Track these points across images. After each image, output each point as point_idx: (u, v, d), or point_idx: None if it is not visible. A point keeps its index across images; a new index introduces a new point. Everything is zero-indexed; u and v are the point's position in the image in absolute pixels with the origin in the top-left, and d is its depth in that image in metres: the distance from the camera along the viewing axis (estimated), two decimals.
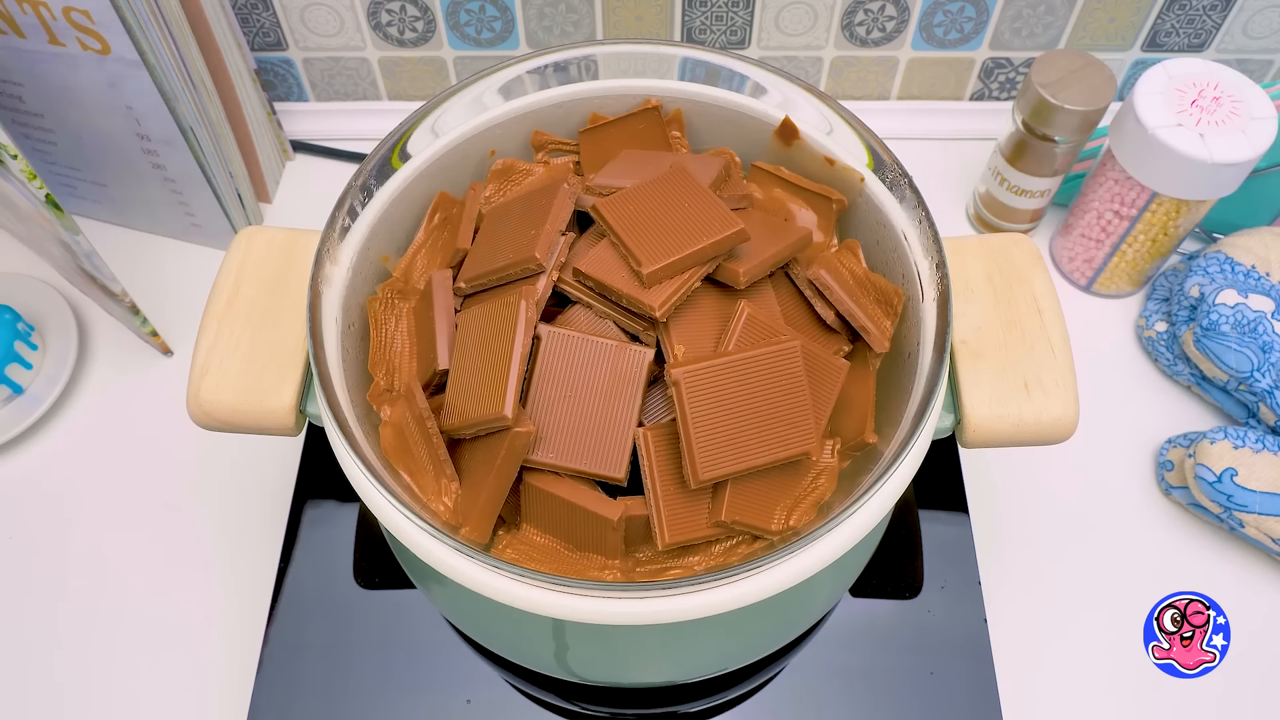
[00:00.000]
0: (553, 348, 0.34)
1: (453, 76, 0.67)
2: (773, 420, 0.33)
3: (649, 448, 0.33)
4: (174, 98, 0.53)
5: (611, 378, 0.34)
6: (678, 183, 0.36)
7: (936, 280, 0.36)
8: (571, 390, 0.34)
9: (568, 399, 0.34)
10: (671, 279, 0.34)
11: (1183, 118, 0.51)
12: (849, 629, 0.47)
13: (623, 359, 0.34)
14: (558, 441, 0.33)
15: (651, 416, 0.35)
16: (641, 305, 0.33)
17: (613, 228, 0.34)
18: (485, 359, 0.33)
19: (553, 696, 0.46)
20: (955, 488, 0.51)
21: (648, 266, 0.33)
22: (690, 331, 0.34)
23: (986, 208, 0.62)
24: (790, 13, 0.62)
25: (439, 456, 0.34)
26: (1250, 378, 0.52)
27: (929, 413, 0.33)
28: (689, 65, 0.42)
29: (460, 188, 0.42)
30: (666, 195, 0.35)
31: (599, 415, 0.33)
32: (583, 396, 0.34)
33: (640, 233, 0.34)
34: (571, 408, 0.33)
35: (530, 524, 0.35)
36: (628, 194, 0.36)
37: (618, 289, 0.34)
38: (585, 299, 0.35)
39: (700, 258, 0.34)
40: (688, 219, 0.34)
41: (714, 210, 0.34)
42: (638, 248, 0.34)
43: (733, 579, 0.31)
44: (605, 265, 0.34)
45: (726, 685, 0.46)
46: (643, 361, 0.34)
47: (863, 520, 0.32)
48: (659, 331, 0.34)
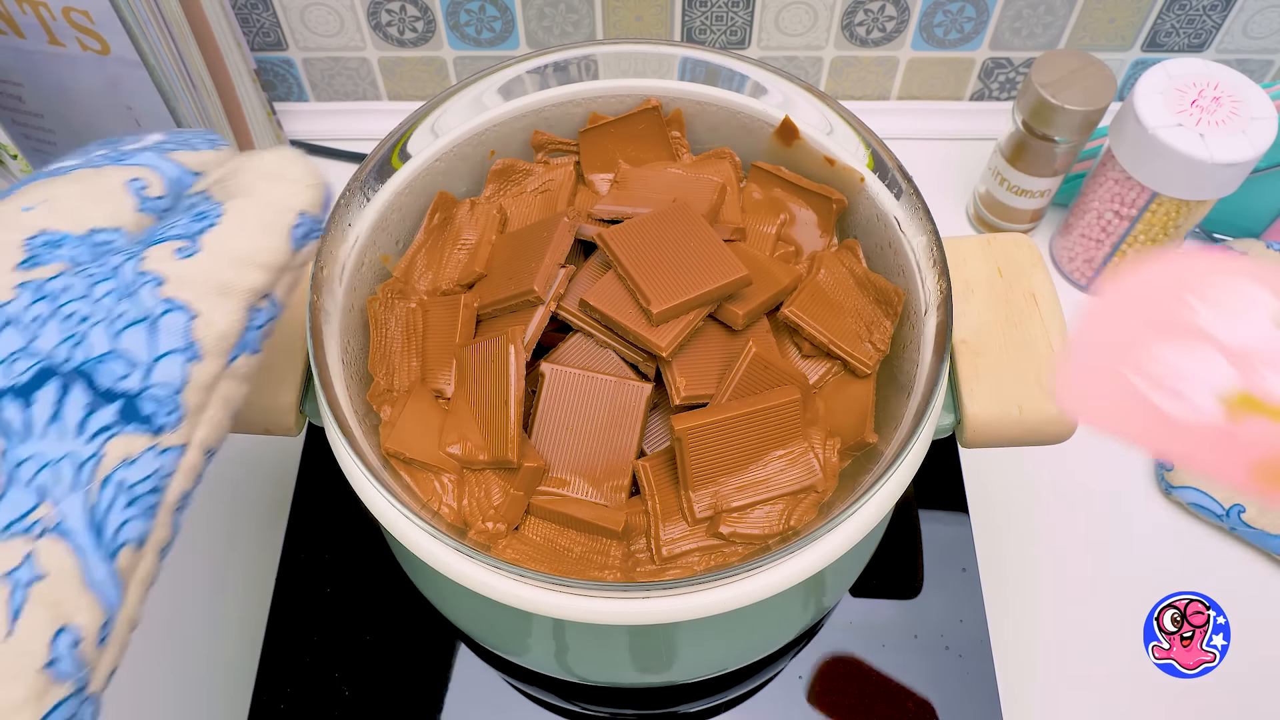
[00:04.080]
0: (556, 384, 0.35)
1: (453, 76, 0.67)
2: (770, 464, 0.35)
3: (649, 478, 0.34)
4: (174, 98, 0.53)
5: (612, 411, 0.35)
6: (683, 220, 0.36)
7: (936, 280, 0.36)
8: (574, 423, 0.35)
9: (570, 432, 0.35)
10: (677, 319, 0.34)
11: (1183, 118, 0.51)
12: (849, 629, 0.47)
13: (623, 394, 0.35)
14: (561, 470, 0.35)
15: (651, 443, 0.36)
16: (648, 344, 0.34)
17: (621, 262, 0.35)
18: (483, 401, 0.35)
19: (553, 696, 0.46)
20: (955, 488, 0.51)
21: (657, 306, 0.34)
22: (691, 366, 0.35)
23: (986, 208, 0.62)
24: (790, 13, 0.62)
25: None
26: None
27: (929, 413, 0.33)
28: (689, 65, 0.42)
29: (460, 188, 0.42)
30: (672, 232, 0.36)
31: (600, 447, 0.35)
32: (585, 429, 0.35)
33: (648, 270, 0.35)
34: (574, 440, 0.35)
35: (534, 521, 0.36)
36: (634, 227, 0.36)
37: (625, 325, 0.34)
38: (587, 328, 0.36)
39: (705, 300, 0.35)
40: (694, 260, 0.35)
41: (719, 254, 0.35)
42: (647, 286, 0.34)
43: (733, 579, 0.31)
44: (613, 300, 0.35)
45: (726, 685, 0.46)
46: (642, 396, 0.35)
47: (863, 520, 0.32)
48: (661, 365, 0.35)
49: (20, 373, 0.24)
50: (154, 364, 0.25)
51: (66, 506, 0.24)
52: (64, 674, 0.23)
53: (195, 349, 0.26)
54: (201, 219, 0.27)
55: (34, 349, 0.24)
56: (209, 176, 0.29)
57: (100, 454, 0.24)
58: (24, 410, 0.24)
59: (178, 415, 0.25)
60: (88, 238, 0.27)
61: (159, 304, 0.25)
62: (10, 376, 0.24)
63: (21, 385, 0.24)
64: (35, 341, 0.24)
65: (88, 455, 0.24)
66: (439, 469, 0.36)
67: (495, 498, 0.35)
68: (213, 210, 0.27)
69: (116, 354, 0.25)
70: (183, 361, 0.25)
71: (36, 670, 0.22)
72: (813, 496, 0.35)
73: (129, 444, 0.24)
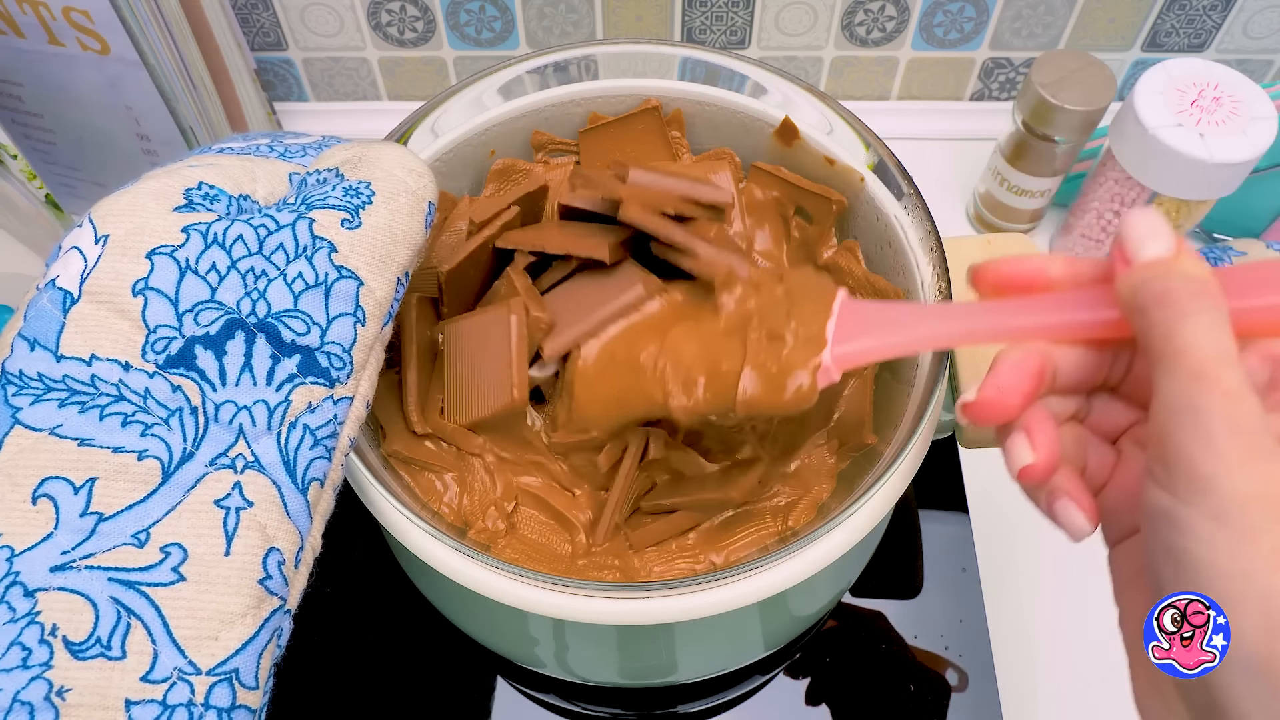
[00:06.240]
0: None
1: (453, 76, 0.67)
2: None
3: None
4: (174, 98, 0.53)
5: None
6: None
7: (937, 280, 0.36)
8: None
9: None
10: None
11: (1183, 118, 0.51)
12: (849, 629, 0.47)
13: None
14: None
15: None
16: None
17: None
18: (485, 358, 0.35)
19: (553, 696, 0.46)
20: (955, 488, 0.51)
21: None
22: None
23: (986, 208, 0.62)
24: (790, 13, 0.62)
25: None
26: None
27: (929, 413, 0.33)
28: (689, 65, 0.42)
29: (460, 188, 0.43)
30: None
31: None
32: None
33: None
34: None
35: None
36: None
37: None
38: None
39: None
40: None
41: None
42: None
43: (733, 579, 0.31)
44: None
45: (726, 685, 0.46)
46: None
47: (863, 520, 0.32)
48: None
49: (208, 323, 0.27)
50: (330, 324, 0.28)
51: (262, 446, 0.26)
52: (274, 589, 0.26)
53: (362, 313, 0.28)
54: (356, 195, 0.29)
55: (218, 300, 0.27)
56: (331, 156, 0.31)
57: (288, 401, 0.27)
58: (217, 360, 0.26)
59: (348, 370, 0.28)
60: (240, 200, 0.29)
61: (333, 269, 0.28)
62: (200, 326, 0.26)
63: (212, 336, 0.26)
64: (217, 293, 0.27)
65: (277, 402, 0.27)
66: (440, 469, 0.36)
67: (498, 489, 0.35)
68: (364, 189, 0.30)
69: (296, 311, 0.27)
70: (352, 323, 0.28)
71: (254, 584, 0.25)
72: (812, 496, 0.35)
73: (311, 393, 0.27)
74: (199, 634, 0.24)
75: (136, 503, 0.25)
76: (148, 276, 0.26)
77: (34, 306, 0.26)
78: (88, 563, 0.24)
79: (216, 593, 0.24)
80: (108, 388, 0.26)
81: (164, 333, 0.26)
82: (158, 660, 0.23)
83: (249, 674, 0.25)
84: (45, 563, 0.24)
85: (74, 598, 0.23)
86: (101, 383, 0.26)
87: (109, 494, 0.25)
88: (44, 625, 0.23)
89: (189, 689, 0.24)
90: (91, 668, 0.23)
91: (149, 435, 0.25)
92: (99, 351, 0.26)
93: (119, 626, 0.23)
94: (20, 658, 0.23)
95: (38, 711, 0.22)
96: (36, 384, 0.25)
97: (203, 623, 0.24)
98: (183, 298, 0.26)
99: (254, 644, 0.25)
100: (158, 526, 0.25)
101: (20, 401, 0.25)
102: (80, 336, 0.26)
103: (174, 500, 0.25)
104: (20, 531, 0.24)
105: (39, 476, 0.24)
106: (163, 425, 0.26)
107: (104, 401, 0.25)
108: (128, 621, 0.23)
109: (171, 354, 0.26)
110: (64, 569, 0.24)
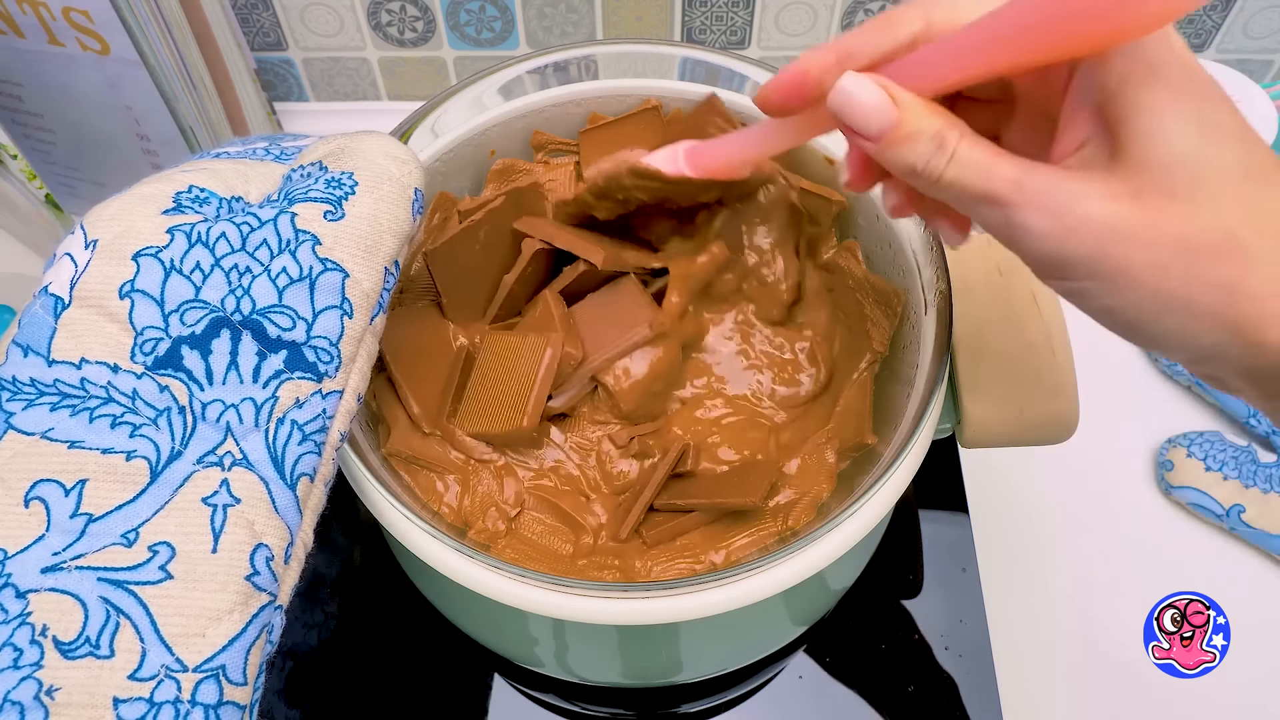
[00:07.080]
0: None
1: (453, 76, 0.67)
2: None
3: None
4: (174, 98, 0.53)
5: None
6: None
7: (936, 280, 0.36)
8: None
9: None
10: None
11: None
12: (849, 629, 0.47)
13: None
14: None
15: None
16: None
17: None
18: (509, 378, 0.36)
19: (553, 696, 0.46)
20: (955, 488, 0.51)
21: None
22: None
23: None
24: (790, 13, 0.62)
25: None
26: (1248, 421, 0.53)
27: (929, 413, 0.33)
28: (689, 65, 0.42)
29: (460, 188, 0.43)
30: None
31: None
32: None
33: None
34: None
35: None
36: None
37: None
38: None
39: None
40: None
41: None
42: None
43: (733, 579, 0.31)
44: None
45: (726, 685, 0.46)
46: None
47: (863, 520, 0.32)
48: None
49: (194, 322, 0.27)
50: (315, 317, 0.28)
51: (250, 444, 0.26)
52: (262, 585, 0.26)
53: (349, 305, 0.28)
54: (339, 186, 0.29)
55: (202, 299, 0.27)
56: (314, 150, 0.31)
57: (275, 397, 0.27)
58: (203, 359, 0.26)
59: (336, 364, 0.28)
60: (232, 201, 0.29)
61: (317, 262, 0.28)
62: (186, 326, 0.27)
63: (198, 335, 0.27)
64: (202, 291, 0.27)
65: (264, 399, 0.27)
66: (442, 469, 0.36)
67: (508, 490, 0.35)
68: (346, 179, 0.29)
69: (281, 307, 0.27)
70: (339, 316, 0.28)
71: (241, 580, 0.25)
72: (812, 496, 0.35)
73: (298, 388, 0.27)
74: (186, 631, 0.24)
75: (125, 503, 0.25)
76: (134, 279, 0.27)
77: (28, 313, 0.27)
78: (78, 563, 0.24)
79: (203, 590, 0.25)
80: (97, 390, 0.26)
81: (151, 334, 0.26)
82: (145, 658, 0.24)
83: (236, 670, 0.25)
84: (37, 564, 0.24)
85: (64, 598, 0.24)
86: (91, 385, 0.26)
87: (99, 495, 0.25)
88: (35, 626, 0.23)
89: (175, 686, 0.24)
90: (80, 667, 0.23)
91: (138, 436, 0.26)
92: (89, 355, 0.26)
93: (108, 625, 0.24)
94: (12, 658, 0.23)
95: (28, 711, 0.22)
96: (29, 389, 0.26)
97: (190, 620, 0.24)
98: (168, 298, 0.27)
99: (241, 640, 0.25)
100: (146, 526, 0.25)
101: (13, 407, 0.25)
102: (71, 341, 0.26)
103: (162, 499, 0.25)
104: (13, 534, 0.24)
105: (31, 480, 0.25)
106: (151, 426, 0.26)
107: (94, 404, 0.26)
108: (117, 620, 0.24)
109: (159, 355, 0.26)
110: (55, 570, 0.24)
